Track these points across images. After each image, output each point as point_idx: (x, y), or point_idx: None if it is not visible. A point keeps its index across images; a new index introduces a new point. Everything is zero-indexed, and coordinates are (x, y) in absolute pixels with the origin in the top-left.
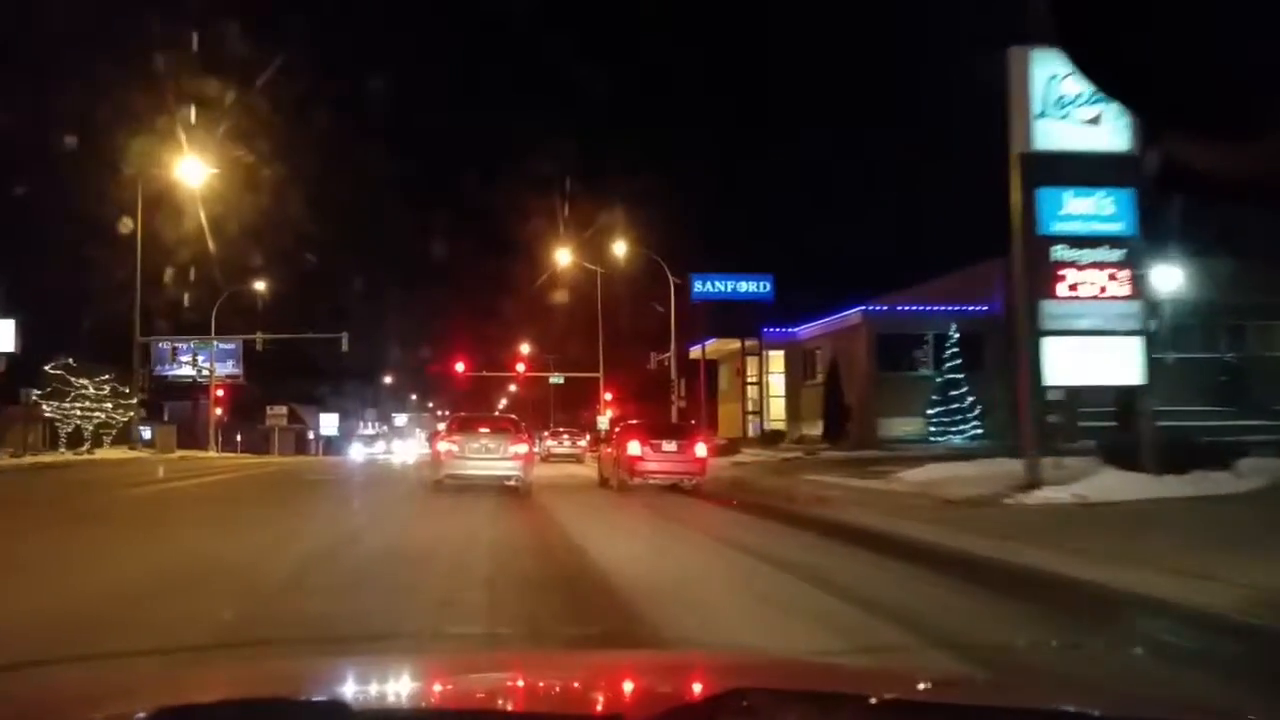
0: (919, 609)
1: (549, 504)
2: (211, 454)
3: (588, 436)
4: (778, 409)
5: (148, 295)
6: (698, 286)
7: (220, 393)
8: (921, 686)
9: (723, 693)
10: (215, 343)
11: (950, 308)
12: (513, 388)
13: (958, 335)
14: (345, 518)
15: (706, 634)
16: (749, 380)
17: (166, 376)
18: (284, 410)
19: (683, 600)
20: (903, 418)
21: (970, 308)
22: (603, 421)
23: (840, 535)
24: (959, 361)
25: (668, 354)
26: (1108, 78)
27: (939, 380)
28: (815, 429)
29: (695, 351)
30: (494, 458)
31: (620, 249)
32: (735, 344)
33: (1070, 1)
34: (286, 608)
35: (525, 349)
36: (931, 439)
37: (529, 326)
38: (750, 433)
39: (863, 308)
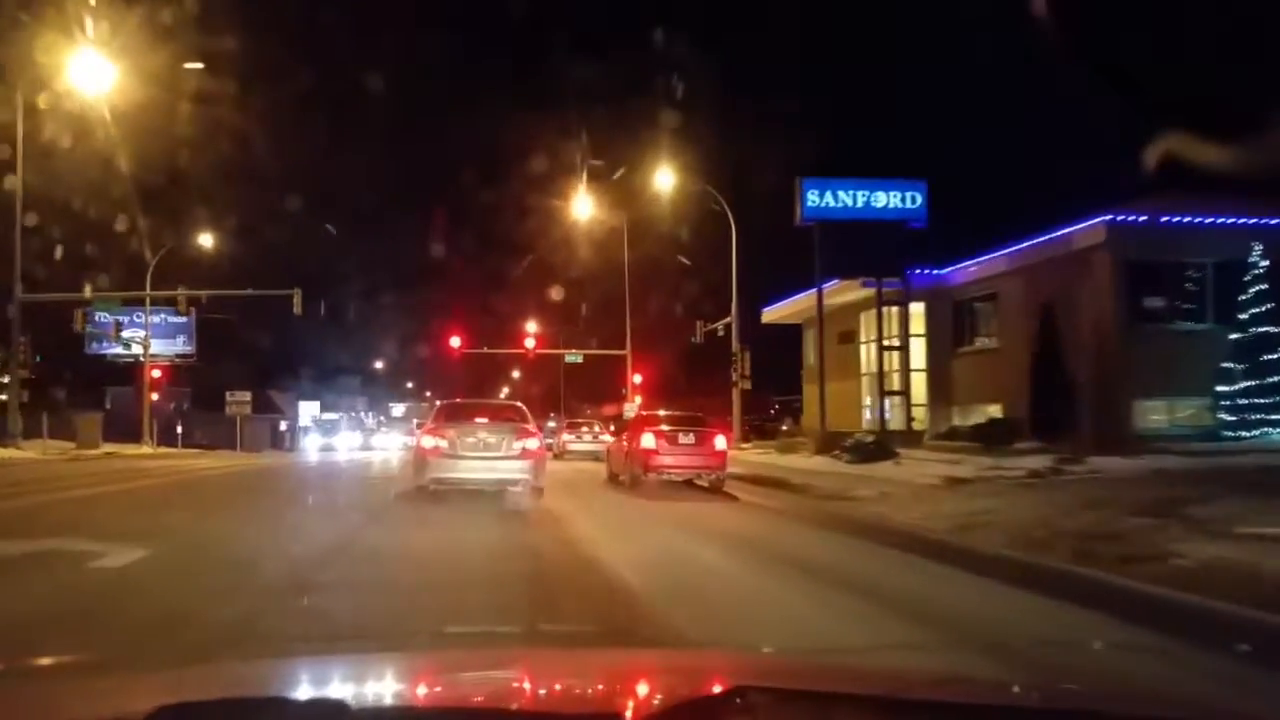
0: None
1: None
2: (145, 450)
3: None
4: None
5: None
6: (812, 200)
7: (157, 373)
8: (920, 684)
9: (722, 692)
10: (150, 309)
11: (1247, 220)
12: (516, 374)
13: (1265, 263)
14: None
15: None
16: (889, 343)
17: (105, 355)
18: (246, 396)
19: None
20: (1168, 399)
21: (1273, 221)
22: (630, 410)
23: None
24: (1269, 305)
25: (724, 321)
26: (1107, 76)
27: (1238, 339)
28: (976, 416)
29: (772, 313)
30: (494, 455)
31: (648, 193)
32: (856, 292)
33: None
34: None
35: (533, 327)
36: (1228, 434)
37: (539, 300)
38: (861, 422)
39: (1107, 218)
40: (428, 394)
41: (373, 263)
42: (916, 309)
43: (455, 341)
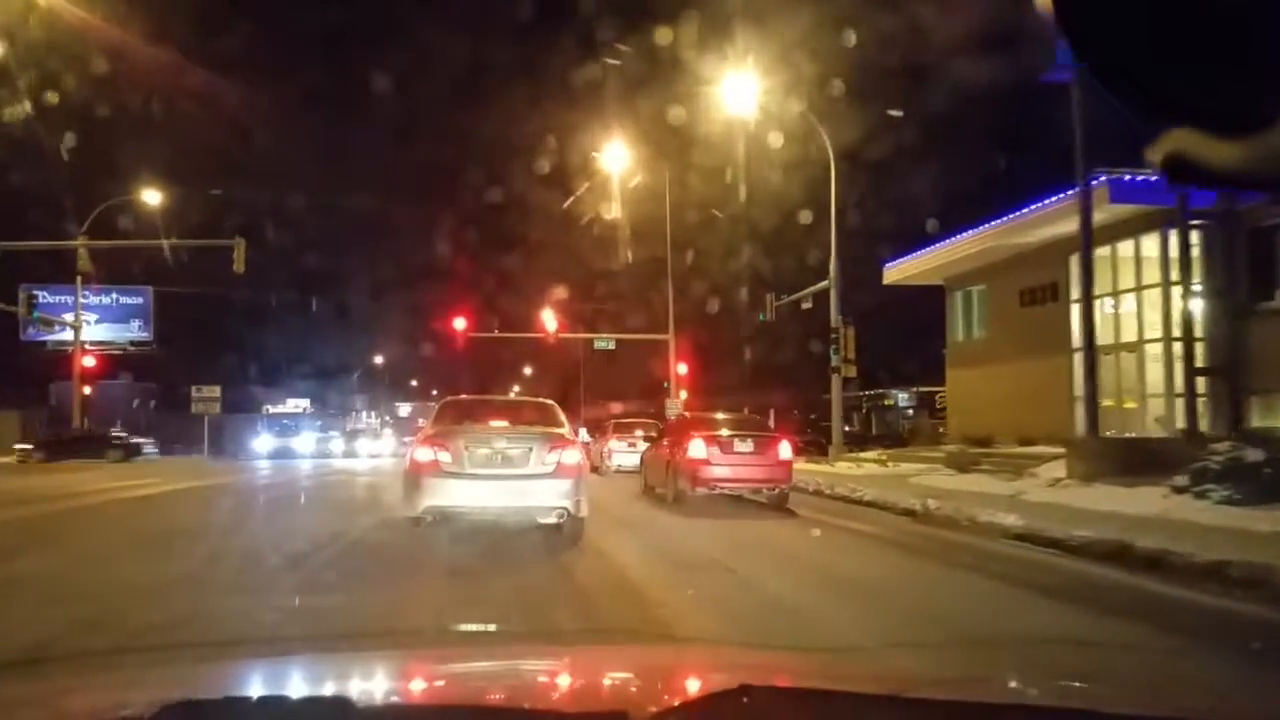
0: None
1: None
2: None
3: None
4: (1148, 378)
5: None
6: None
7: (90, 361)
8: (924, 683)
9: (727, 689)
10: (100, 288)
11: None
12: (528, 370)
13: None
14: None
15: None
16: (1198, 286)
17: (45, 344)
18: (215, 392)
19: None
20: None
21: None
22: (673, 407)
23: None
24: None
25: (811, 289)
26: (1111, 71)
27: None
28: None
29: (900, 270)
30: (517, 474)
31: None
32: (1058, 225)
33: None
34: None
35: (553, 319)
36: None
37: (558, 281)
38: (1072, 422)
39: None
40: (434, 393)
41: (374, 248)
42: (1154, 244)
43: (460, 323)
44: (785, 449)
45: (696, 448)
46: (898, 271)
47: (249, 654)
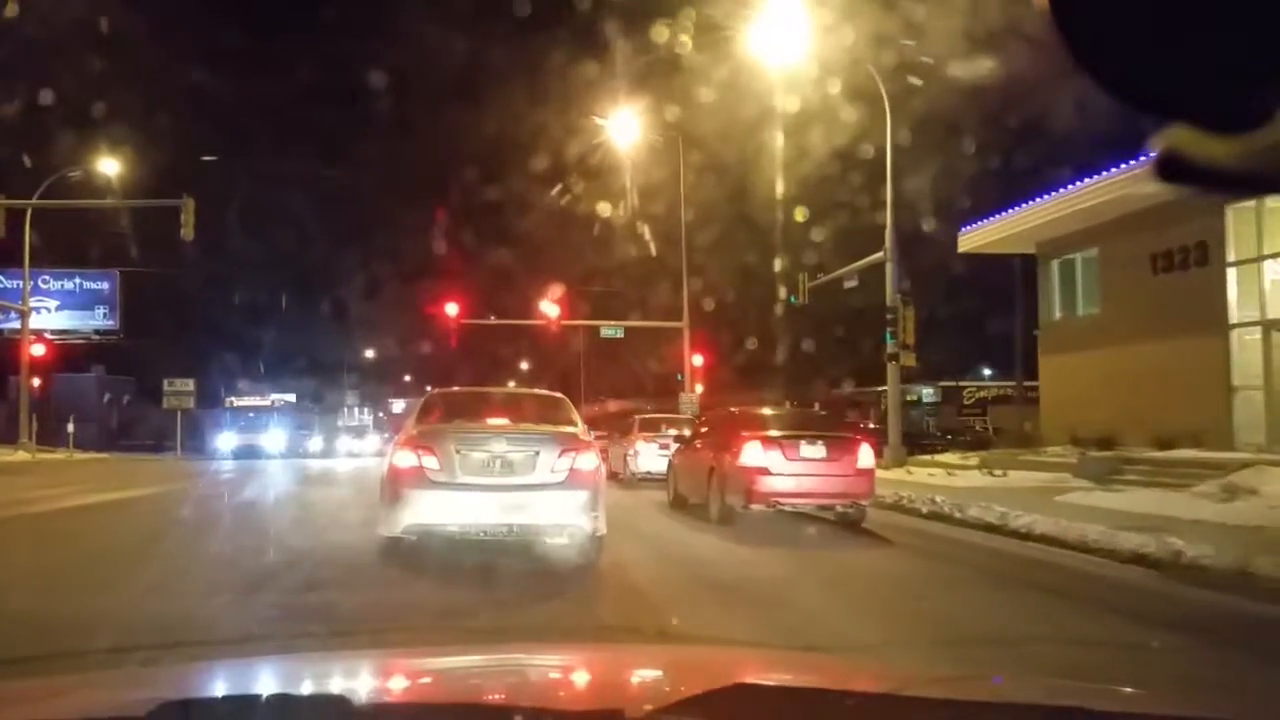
0: None
1: None
2: (19, 455)
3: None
4: None
5: None
6: None
7: (40, 349)
8: (920, 682)
9: (724, 688)
10: (61, 271)
11: None
12: (525, 365)
13: None
14: None
15: None
16: None
17: (1, 332)
18: (189, 386)
19: None
20: None
21: None
22: (687, 402)
23: None
24: None
25: (858, 264)
26: (1106, 70)
27: None
28: None
29: (981, 234)
30: (521, 483)
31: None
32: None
33: None
34: None
35: (551, 308)
36: None
37: (562, 266)
38: (1230, 420)
39: None
40: (427, 388)
41: (369, 241)
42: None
43: (452, 309)
44: (866, 455)
45: (752, 453)
46: (977, 237)
47: (247, 653)
